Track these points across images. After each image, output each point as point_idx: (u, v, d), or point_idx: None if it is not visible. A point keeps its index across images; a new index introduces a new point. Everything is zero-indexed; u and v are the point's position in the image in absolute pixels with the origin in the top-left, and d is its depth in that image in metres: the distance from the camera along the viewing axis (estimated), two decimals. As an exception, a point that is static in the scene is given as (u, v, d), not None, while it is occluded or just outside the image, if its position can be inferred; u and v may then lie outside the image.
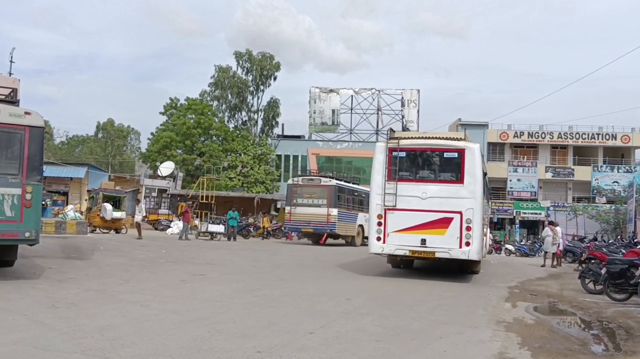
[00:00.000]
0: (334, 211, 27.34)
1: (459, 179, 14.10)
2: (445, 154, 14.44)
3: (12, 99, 11.45)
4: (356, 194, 30.18)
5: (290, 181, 30.02)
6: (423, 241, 13.99)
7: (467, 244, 13.72)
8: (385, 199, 14.39)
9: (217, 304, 9.42)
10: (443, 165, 14.49)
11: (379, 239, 14.45)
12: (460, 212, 13.79)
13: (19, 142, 10.63)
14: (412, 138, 15.53)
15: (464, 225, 13.75)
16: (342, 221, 28.04)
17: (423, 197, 14.12)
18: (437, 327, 8.36)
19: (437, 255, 14.07)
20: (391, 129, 16.64)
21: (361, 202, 28.79)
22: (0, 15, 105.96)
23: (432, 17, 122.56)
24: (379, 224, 14.44)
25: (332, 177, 28.69)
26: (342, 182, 29.39)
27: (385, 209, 14.38)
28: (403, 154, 14.69)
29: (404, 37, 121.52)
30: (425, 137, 15.46)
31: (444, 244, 13.87)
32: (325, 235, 27.90)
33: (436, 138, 15.30)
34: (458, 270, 16.09)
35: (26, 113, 10.74)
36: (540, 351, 7.19)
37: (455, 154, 14.26)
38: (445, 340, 7.53)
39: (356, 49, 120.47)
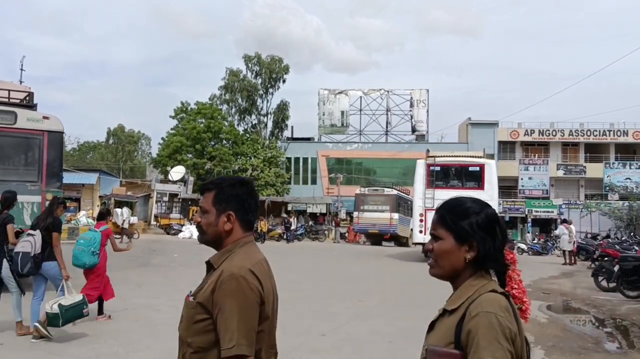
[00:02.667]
0: (396, 216, 31.57)
1: (480, 186, 18.57)
2: (470, 168, 19.34)
3: (29, 103, 11.04)
4: (409, 202, 32.54)
5: (357, 191, 34.71)
6: None
7: None
8: (425, 201, 18.77)
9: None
10: (468, 176, 19.28)
11: (420, 231, 18.87)
12: None
13: (37, 148, 10.22)
14: (444, 156, 20.28)
15: None
16: (401, 225, 31.90)
17: None
18: (450, 327, 8.34)
19: None
20: (428, 150, 21.76)
21: (413, 209, 30.49)
22: (10, 23, 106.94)
23: (443, 15, 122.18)
24: (421, 220, 18.89)
25: (393, 188, 33.25)
26: (400, 193, 33.45)
27: (425, 209, 18.66)
28: (438, 168, 19.35)
29: (414, 36, 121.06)
30: (455, 156, 20.74)
31: None
32: (388, 235, 31.77)
33: (463, 156, 20.93)
34: None
35: (44, 117, 10.36)
36: (553, 349, 7.16)
37: (478, 168, 19.06)
38: (458, 340, 7.51)
39: (365, 49, 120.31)
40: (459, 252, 1.79)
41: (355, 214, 33.92)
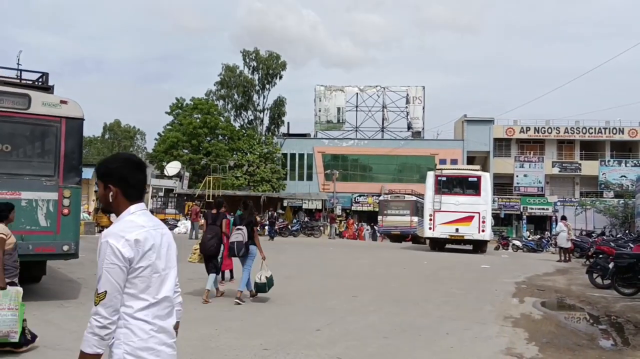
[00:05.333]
0: (415, 219, 34.78)
1: (477, 193, 22.72)
2: (469, 178, 23.30)
3: (44, 85, 9.66)
4: None
5: (381, 197, 39.23)
6: (457, 229, 22.56)
7: (483, 231, 22.46)
8: (434, 205, 22.79)
9: (224, 302, 9.45)
10: (468, 185, 23.12)
11: (430, 228, 23.00)
12: (478, 213, 22.31)
13: (54, 137, 8.89)
14: (449, 169, 25.23)
15: (481, 220, 22.31)
16: (420, 226, 34.32)
17: (456, 204, 22.48)
18: (444, 323, 8.36)
19: (465, 237, 22.82)
20: (436, 164, 25.66)
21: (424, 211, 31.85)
22: (6, 19, 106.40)
23: (441, 11, 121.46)
24: (430, 220, 22.90)
25: (412, 194, 36.53)
26: (419, 198, 36.14)
27: (434, 211, 22.75)
28: (444, 178, 23.28)
29: (412, 32, 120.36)
30: (458, 169, 25.91)
31: (469, 231, 22.47)
32: (410, 236, 34.90)
33: (464, 169, 26.04)
34: (474, 250, 23.51)
35: (62, 102, 9.00)
36: (547, 346, 7.18)
37: (476, 179, 23.11)
38: (453, 336, 7.53)
39: (363, 45, 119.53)
40: None
41: (379, 217, 38.00)
